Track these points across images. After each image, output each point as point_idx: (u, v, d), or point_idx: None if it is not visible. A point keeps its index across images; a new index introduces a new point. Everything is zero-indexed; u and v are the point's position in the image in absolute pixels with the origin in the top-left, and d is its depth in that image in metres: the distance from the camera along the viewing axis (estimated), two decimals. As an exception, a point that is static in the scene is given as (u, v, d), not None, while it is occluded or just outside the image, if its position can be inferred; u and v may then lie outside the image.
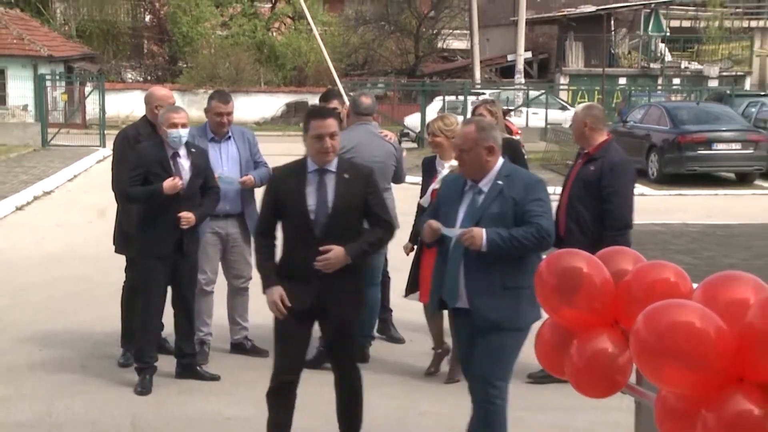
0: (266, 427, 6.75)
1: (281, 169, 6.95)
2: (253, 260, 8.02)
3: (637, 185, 24.10)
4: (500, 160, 6.51)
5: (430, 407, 8.37)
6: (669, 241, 15.81)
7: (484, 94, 38.13)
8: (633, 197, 8.87)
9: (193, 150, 8.65)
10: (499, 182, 6.40)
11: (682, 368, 4.52)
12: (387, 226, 6.86)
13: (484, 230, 6.17)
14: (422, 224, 6.64)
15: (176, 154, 8.50)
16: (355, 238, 6.55)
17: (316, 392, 7.34)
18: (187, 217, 8.30)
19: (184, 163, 8.54)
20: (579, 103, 40.56)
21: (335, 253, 6.36)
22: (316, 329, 6.95)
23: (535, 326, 6.05)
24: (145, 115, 9.54)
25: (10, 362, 9.44)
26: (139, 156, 8.50)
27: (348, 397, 6.85)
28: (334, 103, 9.72)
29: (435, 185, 8.55)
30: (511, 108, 31.50)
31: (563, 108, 38.68)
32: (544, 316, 5.87)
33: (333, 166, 6.50)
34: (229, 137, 9.48)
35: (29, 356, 9.64)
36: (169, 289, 8.80)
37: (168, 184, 8.14)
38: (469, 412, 6.61)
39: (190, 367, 8.77)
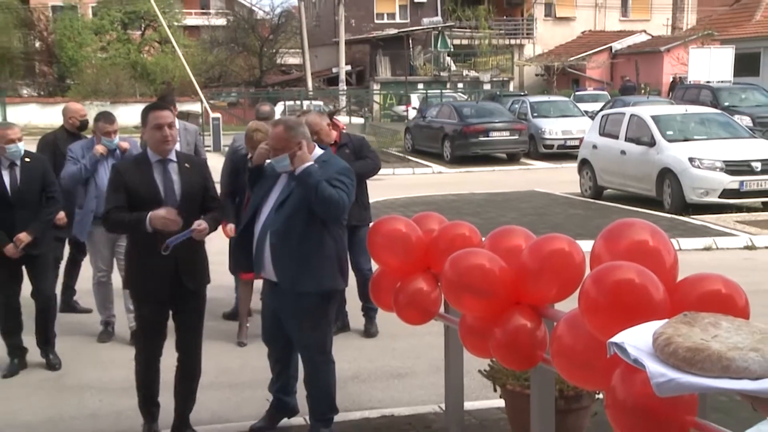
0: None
1: (124, 162, 6.39)
2: None
3: (434, 165, 24.86)
4: (318, 151, 5.78)
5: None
6: (461, 207, 16.03)
7: (318, 100, 38.36)
8: None
9: (27, 159, 7.20)
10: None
11: (477, 297, 4.73)
12: (221, 208, 6.27)
13: (310, 162, 5.46)
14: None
15: (13, 165, 7.04)
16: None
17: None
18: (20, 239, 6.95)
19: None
20: (389, 104, 40.93)
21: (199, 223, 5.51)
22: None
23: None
24: (62, 125, 8.87)
25: None
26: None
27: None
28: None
29: None
30: (336, 108, 31.61)
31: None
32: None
33: (173, 155, 5.71)
34: (115, 149, 7.99)
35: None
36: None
37: None
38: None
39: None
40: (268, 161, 5.70)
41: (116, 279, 7.92)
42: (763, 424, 1.80)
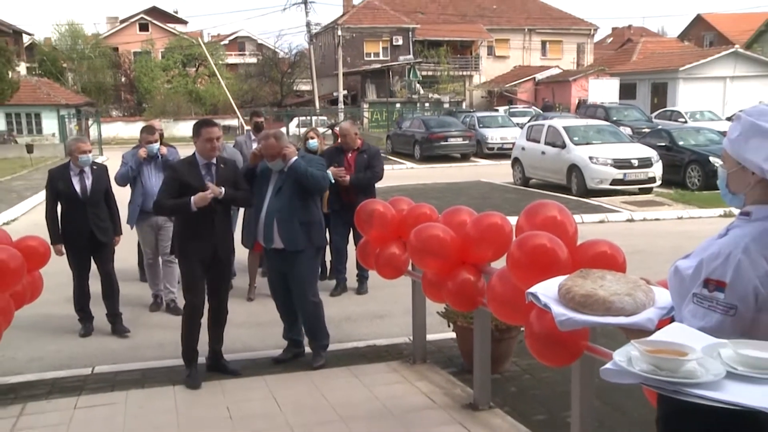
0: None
1: (180, 162, 5.77)
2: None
3: (408, 162, 24.83)
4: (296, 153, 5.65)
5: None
6: (427, 192, 16.01)
7: (323, 116, 38.15)
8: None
9: (94, 167, 6.69)
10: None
11: (434, 259, 4.74)
12: (247, 192, 5.65)
13: (295, 157, 5.53)
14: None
15: (83, 171, 6.53)
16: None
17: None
18: None
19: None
20: (373, 119, 40.71)
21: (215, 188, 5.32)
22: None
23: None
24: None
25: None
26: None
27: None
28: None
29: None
30: (336, 122, 31.42)
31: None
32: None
33: (214, 159, 5.45)
34: (158, 157, 7.35)
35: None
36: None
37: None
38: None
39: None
40: (268, 164, 5.59)
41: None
42: (628, 345, 1.79)
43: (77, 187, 6.49)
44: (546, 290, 2.43)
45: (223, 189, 5.37)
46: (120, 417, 4.86)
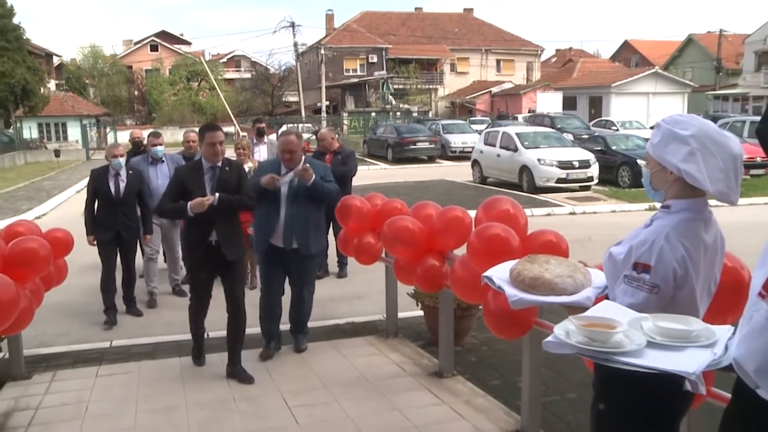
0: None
1: (185, 166, 5.25)
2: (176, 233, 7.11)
3: (382, 163, 24.77)
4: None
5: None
6: (398, 189, 15.93)
7: (308, 124, 37.90)
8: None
9: (130, 171, 6.52)
10: (307, 165, 5.11)
11: (404, 247, 4.73)
12: (246, 198, 4.86)
13: (312, 171, 5.07)
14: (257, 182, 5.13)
15: (117, 174, 6.39)
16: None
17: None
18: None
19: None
20: (352, 126, 40.56)
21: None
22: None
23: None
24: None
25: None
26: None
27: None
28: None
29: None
30: (319, 129, 31.20)
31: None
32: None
33: (219, 162, 4.81)
34: (163, 161, 7.20)
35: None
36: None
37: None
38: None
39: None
40: (288, 179, 5.05)
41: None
42: (566, 321, 1.81)
43: (112, 189, 6.36)
44: (499, 274, 2.43)
45: (216, 195, 4.71)
46: (134, 384, 4.88)
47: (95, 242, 6.40)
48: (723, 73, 46.02)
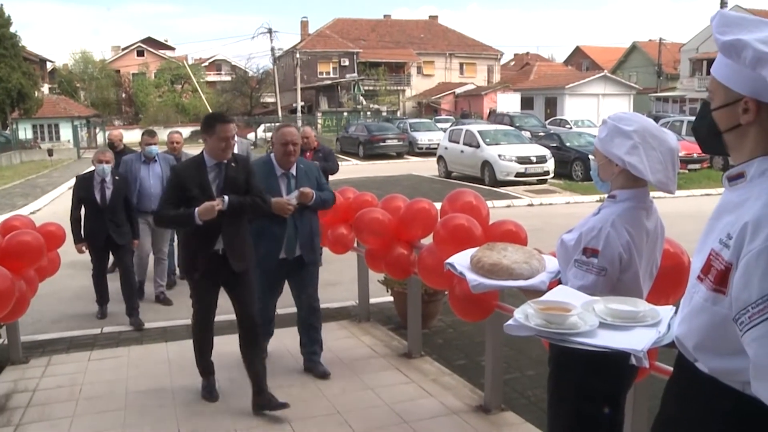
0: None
1: (184, 164, 3.95)
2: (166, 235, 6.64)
3: (354, 159, 24.71)
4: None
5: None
6: (369, 184, 15.82)
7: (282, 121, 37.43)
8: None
9: (116, 178, 5.93)
10: (301, 167, 4.49)
11: (374, 237, 4.72)
12: (259, 200, 3.86)
13: (313, 191, 4.39)
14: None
15: (103, 181, 5.83)
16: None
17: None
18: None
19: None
20: (326, 125, 40.35)
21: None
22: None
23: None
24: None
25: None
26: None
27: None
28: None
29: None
30: (297, 128, 30.95)
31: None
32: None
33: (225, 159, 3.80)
34: (156, 160, 6.55)
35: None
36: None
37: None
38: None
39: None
40: (292, 197, 4.35)
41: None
42: (525, 305, 1.82)
43: (97, 196, 5.83)
44: (461, 260, 2.44)
45: (225, 199, 3.72)
46: (124, 367, 4.86)
47: (84, 249, 5.94)
48: (663, 78, 47.05)
